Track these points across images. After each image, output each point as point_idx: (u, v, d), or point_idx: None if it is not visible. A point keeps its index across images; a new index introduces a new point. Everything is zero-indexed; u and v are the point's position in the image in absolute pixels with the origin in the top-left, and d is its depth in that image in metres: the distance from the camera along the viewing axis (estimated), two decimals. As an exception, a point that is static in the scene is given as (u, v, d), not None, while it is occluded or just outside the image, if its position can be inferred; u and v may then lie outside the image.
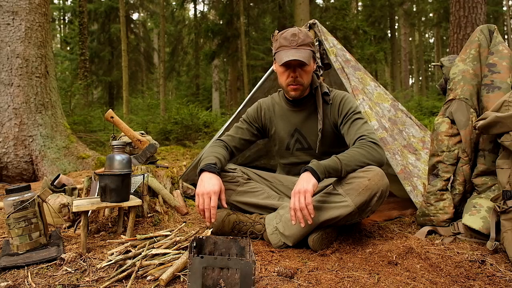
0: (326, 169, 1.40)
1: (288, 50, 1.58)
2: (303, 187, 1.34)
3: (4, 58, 3.44)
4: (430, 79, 25.53)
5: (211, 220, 1.42)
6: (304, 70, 1.62)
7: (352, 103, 1.69)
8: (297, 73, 1.62)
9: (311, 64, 1.64)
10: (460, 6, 5.78)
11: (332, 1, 12.15)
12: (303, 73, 1.62)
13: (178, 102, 8.90)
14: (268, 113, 1.83)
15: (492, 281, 1.16)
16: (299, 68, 1.61)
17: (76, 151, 3.73)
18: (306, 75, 1.64)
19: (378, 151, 1.49)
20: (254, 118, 1.84)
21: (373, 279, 1.18)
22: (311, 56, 1.63)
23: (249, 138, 1.83)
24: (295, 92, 1.66)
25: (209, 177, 1.49)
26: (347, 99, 1.70)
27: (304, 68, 1.61)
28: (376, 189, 1.40)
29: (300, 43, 1.59)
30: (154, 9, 17.38)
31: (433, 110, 9.11)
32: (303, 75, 1.63)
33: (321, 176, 1.38)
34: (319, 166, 1.39)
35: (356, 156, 1.45)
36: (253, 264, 0.99)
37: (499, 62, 1.69)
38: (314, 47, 1.69)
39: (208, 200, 1.43)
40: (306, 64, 1.58)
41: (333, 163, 1.42)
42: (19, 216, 1.37)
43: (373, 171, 1.42)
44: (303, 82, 1.64)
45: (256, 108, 1.86)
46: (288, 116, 1.78)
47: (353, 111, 1.65)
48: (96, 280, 1.16)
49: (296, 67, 1.61)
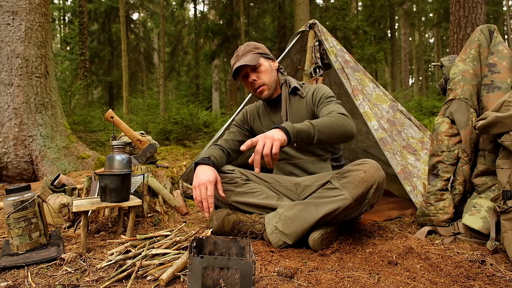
0: (299, 132, 1.34)
1: (235, 65, 1.71)
2: (272, 134, 1.27)
3: (4, 58, 3.44)
4: (430, 79, 25.54)
5: (209, 210, 1.43)
6: (258, 71, 1.72)
7: (325, 90, 1.73)
8: (253, 76, 1.71)
9: (262, 64, 1.72)
10: (460, 6, 5.78)
11: (332, 1, 12.14)
12: (260, 73, 1.72)
13: (178, 102, 8.91)
14: (253, 116, 1.94)
15: (492, 281, 1.16)
16: (252, 72, 1.71)
17: (76, 151, 3.73)
18: (263, 74, 1.72)
19: (348, 122, 1.47)
20: (242, 121, 1.95)
21: (373, 279, 1.18)
22: (257, 57, 1.70)
23: (242, 138, 1.90)
24: (262, 94, 1.75)
25: (204, 168, 1.53)
26: (320, 88, 1.75)
27: (257, 70, 1.71)
28: (373, 181, 1.41)
29: (241, 54, 1.72)
30: (154, 9, 17.40)
31: (433, 110, 9.12)
32: (260, 75, 1.71)
33: (293, 137, 1.32)
34: (292, 128, 1.34)
35: (327, 123, 1.42)
36: (253, 264, 0.99)
37: (499, 62, 1.69)
38: (261, 49, 1.77)
39: (205, 190, 1.45)
40: (252, 65, 1.68)
41: (306, 127, 1.37)
42: (19, 216, 1.37)
43: (369, 164, 1.44)
44: (263, 82, 1.72)
45: (242, 113, 1.99)
46: (270, 116, 1.87)
47: (325, 96, 1.69)
48: (96, 280, 1.16)
49: (249, 73, 1.71)
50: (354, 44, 10.73)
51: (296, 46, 2.74)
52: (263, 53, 1.75)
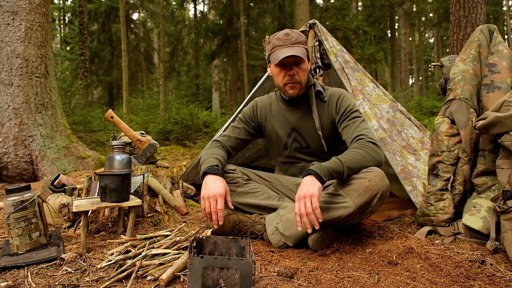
0: (329, 172, 1.38)
1: (283, 48, 1.58)
2: (309, 191, 1.31)
3: (4, 58, 3.44)
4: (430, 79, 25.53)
5: (218, 222, 1.42)
6: (300, 68, 1.63)
7: (350, 100, 1.68)
8: (294, 70, 1.61)
9: (306, 62, 1.65)
10: (460, 6, 5.78)
11: (332, 1, 12.15)
12: (300, 71, 1.63)
13: (178, 102, 8.90)
14: (264, 111, 1.83)
15: (492, 281, 1.16)
16: (295, 66, 1.61)
17: (76, 151, 3.73)
18: (302, 73, 1.64)
19: (377, 152, 1.48)
20: (250, 116, 1.84)
21: (373, 279, 1.18)
22: (306, 54, 1.63)
23: (245, 137, 1.83)
24: (293, 90, 1.65)
25: (214, 179, 1.48)
26: (344, 96, 1.69)
27: (300, 65, 1.62)
28: (377, 190, 1.40)
29: (294, 41, 1.59)
30: (154, 9, 17.39)
31: (433, 110, 9.11)
32: (299, 72, 1.63)
33: (325, 179, 1.36)
34: (322, 169, 1.37)
35: (357, 157, 1.44)
36: (253, 264, 0.99)
37: (499, 62, 1.69)
38: (308, 46, 1.70)
39: (215, 203, 1.42)
40: (303, 60, 1.60)
41: (335, 165, 1.40)
42: (19, 216, 1.37)
43: (374, 172, 1.42)
44: (300, 80, 1.64)
45: (252, 106, 1.86)
46: (285, 115, 1.78)
47: (351, 110, 1.64)
48: (96, 280, 1.16)
49: (292, 65, 1.61)
50: (354, 44, 10.73)
51: (296, 46, 2.74)
52: (308, 51, 1.67)
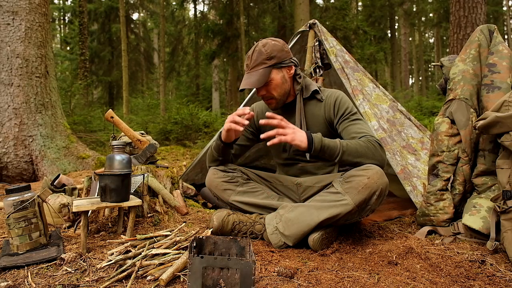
0: (323, 145, 1.43)
1: (245, 75, 1.63)
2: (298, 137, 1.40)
3: (4, 58, 3.44)
4: (430, 79, 25.54)
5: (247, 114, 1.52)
6: (268, 87, 1.63)
7: (348, 102, 1.68)
8: (262, 91, 1.65)
9: (273, 78, 1.60)
10: (460, 6, 5.78)
11: (332, 1, 12.15)
12: (269, 88, 1.63)
13: (178, 102, 8.90)
14: (261, 116, 1.84)
15: (492, 281, 1.16)
16: (262, 87, 1.63)
17: (76, 151, 3.73)
18: (273, 89, 1.63)
19: (380, 152, 1.49)
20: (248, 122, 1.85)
21: (373, 279, 1.18)
22: (267, 73, 1.58)
23: (244, 143, 1.85)
24: (271, 105, 1.71)
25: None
26: (342, 98, 1.69)
27: (267, 84, 1.61)
28: (376, 187, 1.40)
29: (252, 65, 1.60)
30: (154, 9, 17.39)
31: (433, 110, 9.11)
32: (270, 90, 1.64)
33: (316, 149, 1.42)
34: (318, 139, 1.42)
35: (360, 149, 1.45)
36: (253, 264, 0.99)
37: (499, 62, 1.69)
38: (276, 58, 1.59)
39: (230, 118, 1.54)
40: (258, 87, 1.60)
41: (333, 144, 1.44)
42: (19, 216, 1.37)
43: (373, 170, 1.42)
44: (273, 96, 1.66)
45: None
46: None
47: (351, 111, 1.64)
48: (96, 280, 1.16)
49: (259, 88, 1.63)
50: (354, 44, 10.73)
51: (296, 46, 2.74)
52: (276, 63, 1.60)
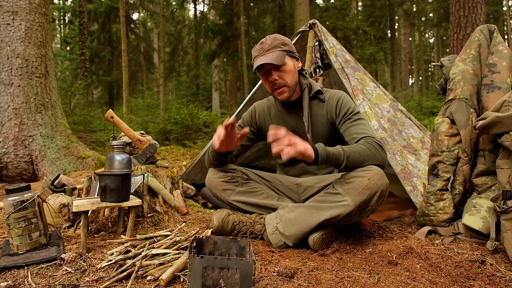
0: (329, 155, 1.40)
1: (258, 58, 1.60)
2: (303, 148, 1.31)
3: (4, 58, 3.44)
4: (430, 79, 25.54)
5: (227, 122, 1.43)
6: (282, 71, 1.61)
7: (350, 103, 1.68)
8: (275, 75, 1.60)
9: (287, 63, 1.62)
10: (460, 6, 5.78)
11: (332, 1, 12.15)
12: (283, 73, 1.61)
13: (178, 102, 8.91)
14: (263, 115, 1.83)
15: (492, 281, 1.16)
16: (276, 71, 1.60)
17: (76, 151, 3.73)
18: (286, 74, 1.61)
19: (381, 154, 1.49)
20: (249, 121, 1.86)
21: (373, 279, 1.18)
22: (283, 56, 1.59)
23: (245, 142, 1.85)
24: (281, 95, 1.64)
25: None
26: (344, 98, 1.69)
27: (280, 68, 1.60)
28: (376, 188, 1.40)
29: (267, 48, 1.59)
30: (154, 9, 17.40)
31: (433, 110, 9.11)
32: (283, 75, 1.61)
33: (320, 159, 1.38)
34: (323, 150, 1.40)
35: (362, 153, 1.45)
36: (253, 264, 0.99)
37: (499, 62, 1.69)
38: (289, 46, 1.65)
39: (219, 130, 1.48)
40: (277, 64, 1.57)
41: (337, 152, 1.42)
42: (19, 216, 1.37)
43: (373, 171, 1.42)
44: (285, 83, 1.62)
45: (250, 111, 1.87)
46: (284, 118, 1.78)
47: (353, 112, 1.64)
48: (96, 280, 1.16)
49: (271, 70, 1.60)
50: (354, 44, 10.73)
51: (296, 46, 2.74)
52: (289, 50, 1.64)
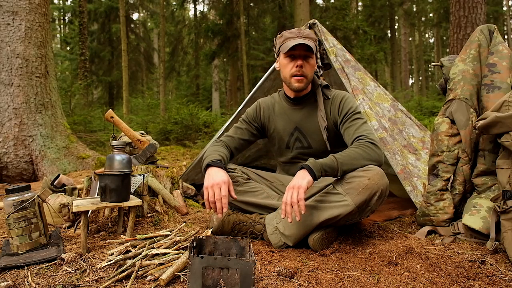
0: (323, 167, 1.41)
1: (294, 39, 1.62)
2: (298, 183, 1.35)
3: (4, 58, 3.44)
4: (430, 79, 25.54)
5: (222, 210, 1.40)
6: (308, 62, 1.66)
7: (353, 103, 1.70)
8: (301, 62, 1.64)
9: (314, 59, 1.68)
10: (460, 6, 5.78)
11: (332, 1, 12.15)
12: (308, 65, 1.66)
13: (178, 102, 8.90)
14: (267, 112, 1.84)
15: (492, 281, 1.16)
16: (304, 60, 1.64)
17: (76, 151, 3.73)
18: (310, 67, 1.67)
19: (375, 151, 1.49)
20: (253, 117, 1.85)
21: (373, 279, 1.18)
22: (315, 49, 1.65)
23: (248, 138, 1.84)
24: (299, 83, 1.67)
25: (217, 170, 1.49)
26: (347, 98, 1.71)
27: (308, 60, 1.66)
28: (376, 188, 1.40)
29: (305, 35, 1.65)
30: (154, 9, 17.40)
31: (433, 110, 9.11)
32: (307, 66, 1.66)
33: (317, 174, 1.39)
34: (315, 164, 1.40)
35: (353, 155, 1.46)
36: (253, 264, 0.99)
37: (499, 62, 1.69)
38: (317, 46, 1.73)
39: (218, 190, 1.41)
40: (312, 54, 1.63)
41: (330, 161, 1.43)
42: (19, 216, 1.37)
43: (373, 171, 1.42)
44: (307, 74, 1.66)
45: (255, 107, 1.87)
46: (288, 114, 1.78)
47: (353, 111, 1.65)
48: (96, 280, 1.16)
49: (301, 57, 1.64)
50: (354, 44, 10.73)
51: (296, 46, 2.74)
52: (317, 49, 1.71)
